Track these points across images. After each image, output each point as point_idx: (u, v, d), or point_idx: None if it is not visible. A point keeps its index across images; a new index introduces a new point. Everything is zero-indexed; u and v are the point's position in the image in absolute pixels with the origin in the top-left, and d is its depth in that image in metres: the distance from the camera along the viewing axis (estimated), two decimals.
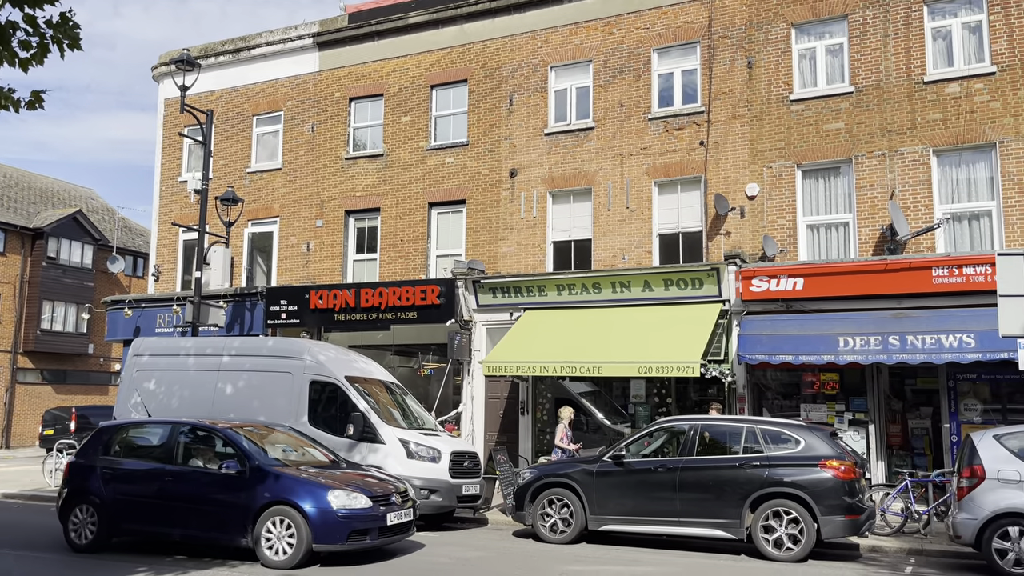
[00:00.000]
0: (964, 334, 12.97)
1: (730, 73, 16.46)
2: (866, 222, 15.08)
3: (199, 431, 10.46)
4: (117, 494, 10.18)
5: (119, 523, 10.11)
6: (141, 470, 10.24)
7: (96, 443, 10.76)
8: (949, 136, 14.60)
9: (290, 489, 9.42)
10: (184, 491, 9.84)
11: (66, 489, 10.53)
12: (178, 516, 9.80)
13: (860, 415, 14.54)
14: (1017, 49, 14.30)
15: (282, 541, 9.27)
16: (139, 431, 10.99)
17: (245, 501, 9.49)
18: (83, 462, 10.67)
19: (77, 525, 10.30)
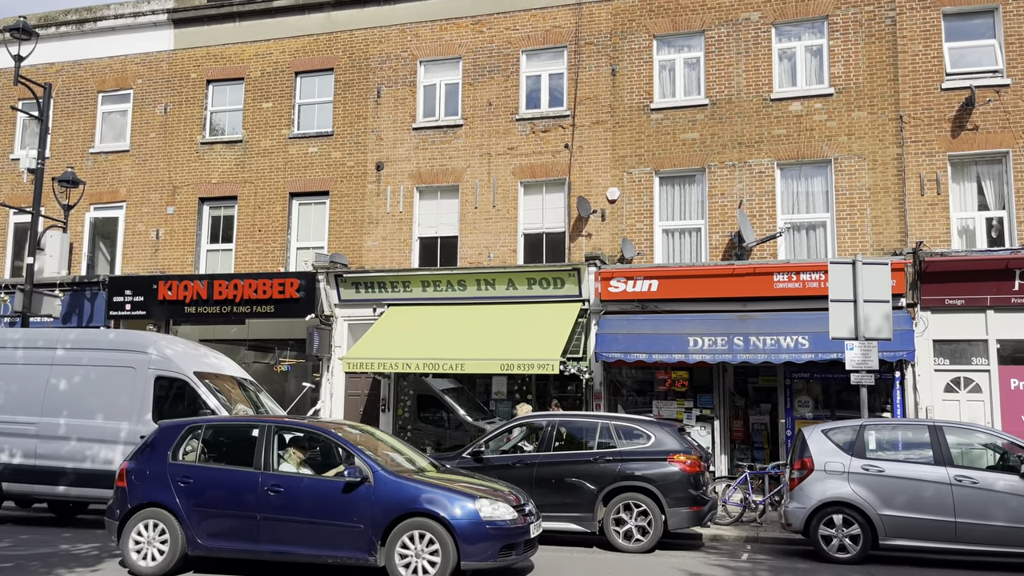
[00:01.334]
0: (800, 336, 13.95)
1: (595, 79, 16.92)
2: (717, 228, 15.91)
3: (297, 431, 8.94)
4: (195, 506, 8.53)
5: (198, 541, 8.49)
6: (229, 478, 8.57)
7: (161, 445, 8.94)
8: (791, 151, 15.65)
9: (430, 498, 8.09)
10: (288, 502, 8.30)
11: (127, 501, 8.73)
12: (279, 532, 8.27)
13: (707, 411, 15.34)
14: (852, 73, 15.52)
15: (422, 559, 7.96)
16: (219, 431, 9.20)
17: (372, 513, 8.09)
18: (146, 468, 8.82)
19: (142, 544, 8.58)
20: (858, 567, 9.54)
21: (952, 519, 9.49)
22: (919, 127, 15.05)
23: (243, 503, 8.45)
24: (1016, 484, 9.43)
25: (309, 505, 8.29)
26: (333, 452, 8.76)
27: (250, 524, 8.39)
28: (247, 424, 9.19)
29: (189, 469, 8.77)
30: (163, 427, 9.21)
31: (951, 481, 9.59)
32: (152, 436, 9.14)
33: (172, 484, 8.69)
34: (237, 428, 9.23)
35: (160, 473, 8.78)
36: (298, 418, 10.05)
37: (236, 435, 9.12)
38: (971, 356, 14.20)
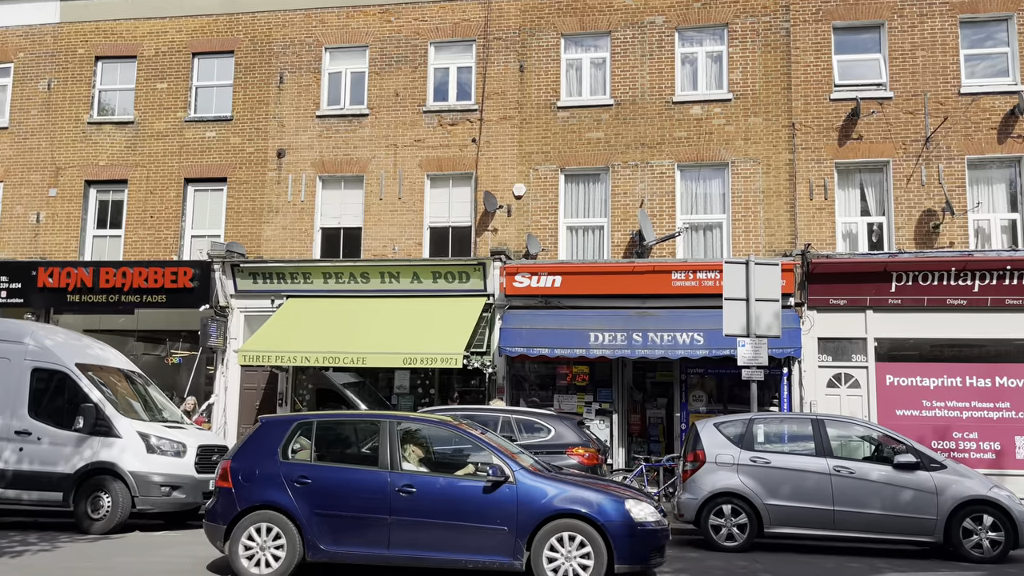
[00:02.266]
0: (695, 332, 14.41)
1: (503, 75, 16.96)
2: (619, 227, 16.23)
3: (423, 426, 8.38)
4: (316, 509, 7.86)
5: (320, 546, 7.84)
6: (354, 478, 7.92)
7: (267, 442, 8.24)
8: (691, 153, 16.13)
9: (577, 498, 7.64)
10: (422, 504, 7.73)
11: (235, 504, 7.99)
12: (413, 536, 7.72)
13: (606, 405, 15.65)
14: (750, 80, 16.11)
15: (572, 562, 7.52)
16: (332, 427, 8.57)
17: (516, 514, 7.60)
18: (255, 467, 8.09)
19: (253, 549, 7.88)
20: (744, 554, 9.94)
21: (831, 507, 10.00)
22: (809, 134, 15.79)
23: (371, 505, 7.82)
24: (889, 474, 10.02)
25: (446, 507, 7.72)
26: (461, 449, 8.22)
27: (380, 528, 7.78)
28: (365, 420, 8.73)
29: (305, 468, 8.05)
30: (266, 423, 8.49)
31: (830, 472, 10.11)
32: (254, 432, 8.40)
33: (287, 485, 7.97)
34: (353, 424, 8.68)
35: (272, 473, 8.05)
36: (417, 413, 9.45)
37: (352, 431, 8.60)
38: (851, 353, 15.01)
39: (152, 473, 11.12)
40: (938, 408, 14.48)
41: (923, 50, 15.61)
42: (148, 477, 11.08)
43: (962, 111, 15.34)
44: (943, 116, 15.34)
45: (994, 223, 15.29)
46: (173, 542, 10.39)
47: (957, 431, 14.37)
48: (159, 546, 10.06)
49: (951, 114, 15.35)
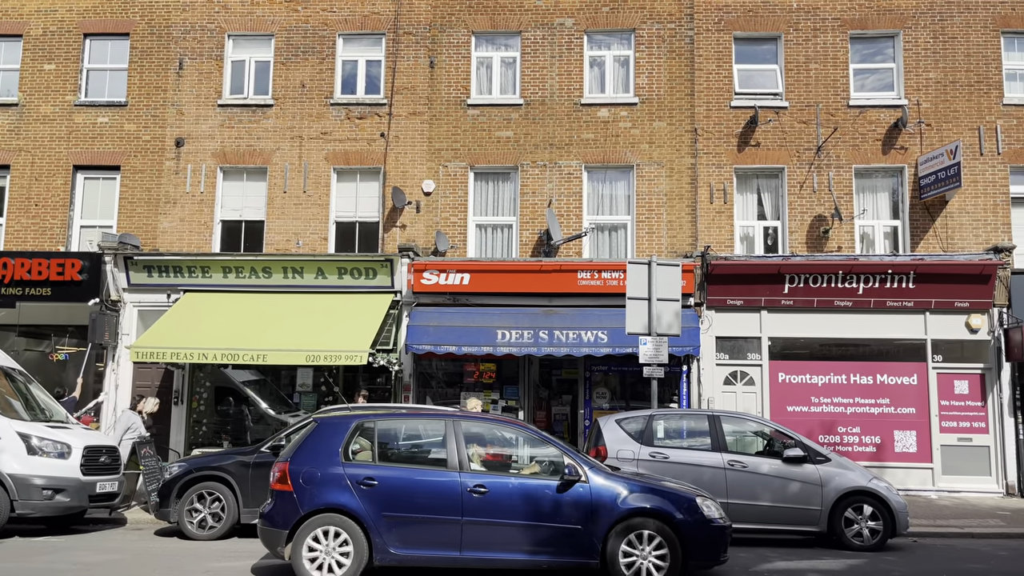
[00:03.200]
0: (600, 331, 14.68)
1: (413, 70, 16.82)
2: (527, 226, 16.36)
3: (476, 425, 8.19)
4: (384, 511, 7.64)
5: (389, 550, 7.63)
6: (424, 480, 7.74)
7: (326, 443, 7.95)
8: (598, 155, 16.41)
9: (652, 496, 7.74)
10: (495, 505, 7.62)
11: (297, 507, 7.68)
12: (487, 538, 7.61)
13: (512, 402, 15.75)
14: (655, 85, 16.52)
15: (649, 560, 7.61)
16: (394, 427, 8.29)
17: (590, 513, 7.65)
18: (316, 469, 7.80)
19: (318, 554, 7.62)
20: None
21: (725, 500, 10.37)
22: (711, 140, 16.32)
23: (443, 507, 7.67)
24: (779, 467, 10.46)
25: (520, 507, 7.66)
26: (526, 449, 8.17)
27: (452, 530, 7.65)
28: (426, 419, 8.44)
29: (370, 469, 7.84)
30: (324, 423, 8.16)
31: (725, 466, 10.48)
32: (311, 433, 8.06)
33: (352, 487, 7.74)
34: (415, 423, 8.41)
35: (335, 475, 7.78)
36: (479, 412, 9.13)
37: (414, 430, 8.35)
38: (747, 352, 15.61)
39: (33, 475, 10.53)
40: (825, 404, 15.23)
41: (816, 63, 16.37)
42: (28, 480, 10.49)
43: (851, 122, 16.17)
44: (833, 127, 16.13)
45: (878, 229, 16.19)
46: (55, 547, 9.86)
47: (842, 426, 15.16)
48: (40, 552, 9.53)
49: (841, 125, 16.15)
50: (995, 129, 15.93)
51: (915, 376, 15.23)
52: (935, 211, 15.84)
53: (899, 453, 15.07)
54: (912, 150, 16.01)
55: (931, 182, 15.47)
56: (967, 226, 15.76)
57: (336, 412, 9.35)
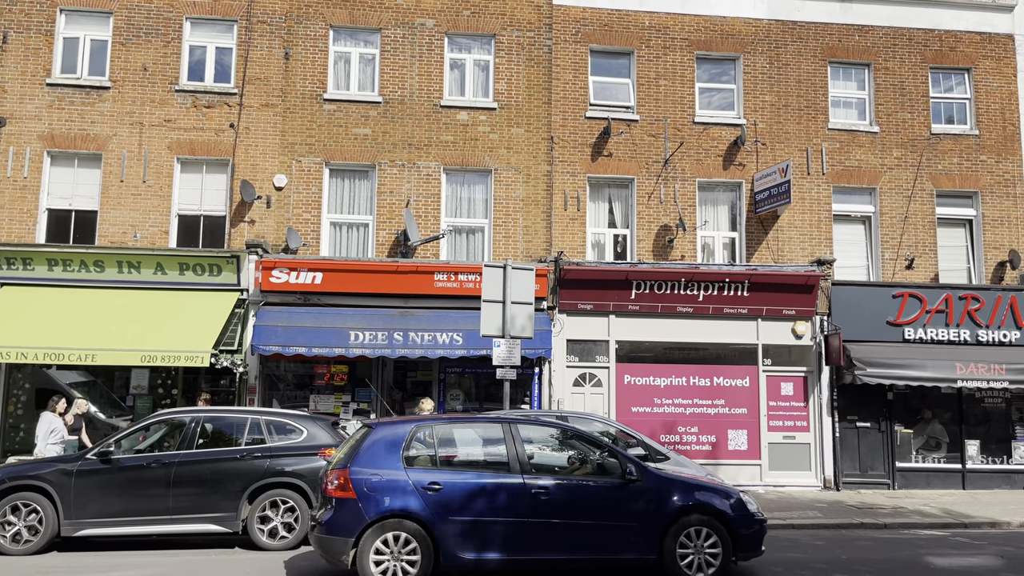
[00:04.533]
0: (455, 333, 14.71)
1: (267, 60, 16.21)
2: (384, 225, 16.14)
3: (539, 428, 8.54)
4: (450, 516, 7.72)
5: (457, 553, 7.70)
6: (487, 483, 7.84)
7: (385, 448, 7.96)
8: (457, 157, 16.45)
9: (704, 493, 8.15)
10: (557, 506, 7.82)
11: (363, 514, 7.66)
12: (550, 539, 7.79)
13: (364, 405, 15.48)
14: (514, 91, 16.76)
15: (703, 554, 8.00)
16: (449, 431, 8.41)
17: (649, 511, 7.98)
18: (378, 475, 7.81)
19: (384, 560, 7.68)
20: None
21: None
22: (566, 148, 16.75)
23: (508, 509, 7.81)
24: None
25: (582, 507, 7.87)
26: (581, 449, 8.45)
27: (517, 532, 7.81)
28: (483, 423, 8.61)
29: (433, 474, 7.91)
30: (380, 427, 8.16)
31: None
32: (369, 440, 8.05)
33: (417, 492, 7.78)
34: (471, 428, 8.58)
35: (398, 481, 7.82)
36: (529, 414, 9.30)
37: (471, 435, 8.49)
38: (595, 355, 16.13)
39: None
40: (667, 405, 15.98)
41: (665, 79, 17.18)
42: None
43: (695, 138, 17.08)
44: (680, 141, 16.99)
45: (718, 240, 17.18)
46: None
47: (682, 426, 15.97)
48: None
49: (686, 140, 17.03)
50: (821, 151, 17.31)
51: (747, 379, 16.27)
52: (768, 225, 17.00)
53: (732, 451, 16.05)
54: (749, 167, 17.12)
55: (765, 198, 16.59)
56: (795, 240, 17.03)
57: (392, 419, 8.84)
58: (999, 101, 17.93)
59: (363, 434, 8.23)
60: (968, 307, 16.51)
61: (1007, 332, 16.60)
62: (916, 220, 17.38)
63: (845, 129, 17.49)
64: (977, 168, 17.66)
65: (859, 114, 17.77)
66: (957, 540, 11.26)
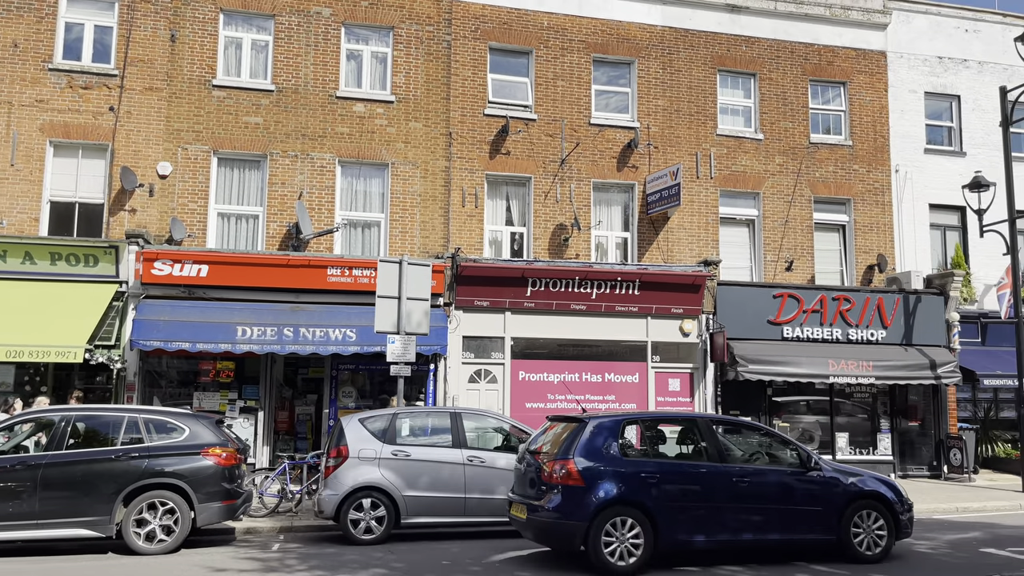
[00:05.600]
0: (348, 329, 14.45)
1: (151, 41, 15.44)
2: (275, 217, 15.69)
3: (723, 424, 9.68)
4: (668, 502, 8.55)
5: (675, 536, 8.54)
6: (698, 472, 8.80)
7: (601, 440, 8.71)
8: (353, 150, 16.16)
9: (872, 483, 9.36)
10: (757, 493, 8.86)
11: (591, 501, 8.37)
12: (752, 521, 8.79)
13: (252, 402, 15.01)
14: (412, 86, 16.61)
15: (871, 535, 9.17)
16: (652, 425, 9.43)
17: (831, 497, 9.10)
18: (601, 464, 8.56)
19: (613, 543, 8.37)
20: (381, 546, 10.16)
21: (463, 495, 10.65)
22: (465, 145, 16.73)
23: (718, 496, 8.68)
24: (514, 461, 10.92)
25: (777, 493, 8.88)
26: (763, 443, 9.59)
27: (726, 516, 8.68)
28: (683, 420, 9.74)
29: (649, 464, 8.73)
30: (596, 422, 8.83)
31: (464, 462, 10.76)
32: (587, 432, 8.72)
33: (638, 480, 8.52)
34: (671, 422, 9.75)
35: (620, 470, 8.56)
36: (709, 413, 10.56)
37: (671, 428, 9.60)
38: (491, 351, 16.20)
39: None
40: (560, 400, 16.22)
41: (563, 80, 17.43)
42: None
43: (591, 139, 17.41)
44: (576, 142, 17.27)
45: (611, 240, 17.58)
46: None
47: None
48: None
49: (583, 141, 17.33)
50: (710, 156, 17.98)
51: (637, 375, 16.73)
52: (659, 226, 17.52)
53: None
54: (642, 169, 17.59)
55: (656, 199, 17.09)
56: (684, 241, 17.62)
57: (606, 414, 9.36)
58: (871, 114, 19.11)
59: (576, 427, 8.89)
60: (840, 307, 17.53)
61: (874, 331, 17.72)
62: (795, 224, 18.31)
63: (732, 135, 18.23)
64: (850, 177, 18.77)
65: (745, 121, 18.56)
66: None
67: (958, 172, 19.25)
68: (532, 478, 8.89)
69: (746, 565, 8.93)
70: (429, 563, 9.09)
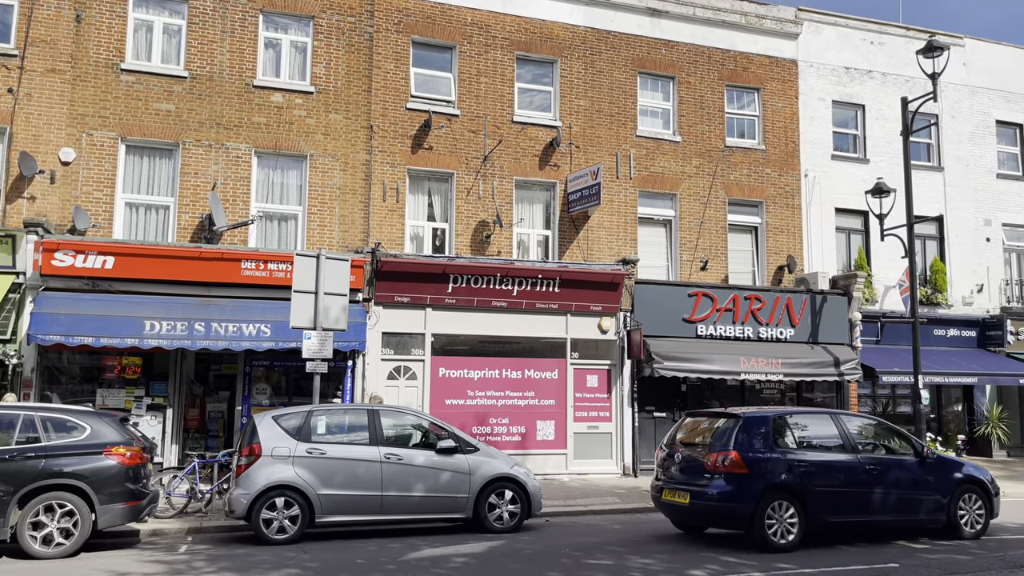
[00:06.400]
0: (263, 324, 14.10)
1: (55, 21, 14.70)
2: (187, 208, 15.16)
3: (851, 418, 11.05)
4: (816, 487, 9.77)
5: (824, 518, 9.81)
6: (838, 462, 10.15)
7: (755, 433, 9.91)
8: (270, 141, 15.76)
9: (972, 469, 10.83)
10: (881, 479, 10.15)
11: (756, 487, 9.53)
12: (879, 504, 10.06)
13: (160, 399, 14.49)
14: (333, 77, 16.31)
15: (972, 514, 10.62)
16: (790, 421, 10.43)
17: (940, 482, 10.47)
18: (760, 455, 9.73)
19: (774, 523, 9.58)
20: (295, 546, 9.96)
21: (380, 493, 10.53)
22: (386, 138, 16.54)
23: (853, 481, 10.02)
24: (432, 458, 10.87)
25: (902, 479, 10.28)
26: (881, 435, 10.91)
27: (861, 499, 10.03)
28: (815, 415, 11.66)
29: (797, 454, 9.95)
30: (747, 417, 10.03)
31: (381, 459, 10.64)
32: (742, 426, 9.91)
33: (791, 468, 9.75)
34: (808, 418, 10.99)
35: (776, 459, 9.74)
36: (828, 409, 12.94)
37: (807, 423, 10.68)
38: (411, 348, 16.08)
39: None
40: (480, 397, 16.24)
41: (487, 77, 17.42)
42: None
43: (514, 137, 17.47)
44: (499, 139, 17.30)
45: (533, 237, 17.69)
46: None
47: (493, 417, 16.30)
48: None
49: (505, 138, 17.37)
50: (629, 156, 18.29)
51: (556, 371, 16.89)
52: (579, 224, 17.73)
53: (541, 441, 16.60)
54: (564, 168, 17.75)
55: (577, 198, 17.28)
56: (604, 240, 17.88)
57: (756, 410, 10.69)
58: (783, 120, 19.80)
59: (731, 421, 10.09)
60: (752, 307, 18.11)
61: (783, 330, 18.39)
62: (711, 225, 18.81)
63: (651, 137, 18.59)
64: (763, 180, 19.41)
65: (664, 124, 18.96)
66: None
67: (862, 178, 20.15)
68: (687, 466, 10.17)
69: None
70: (344, 562, 8.96)
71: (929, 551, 9.73)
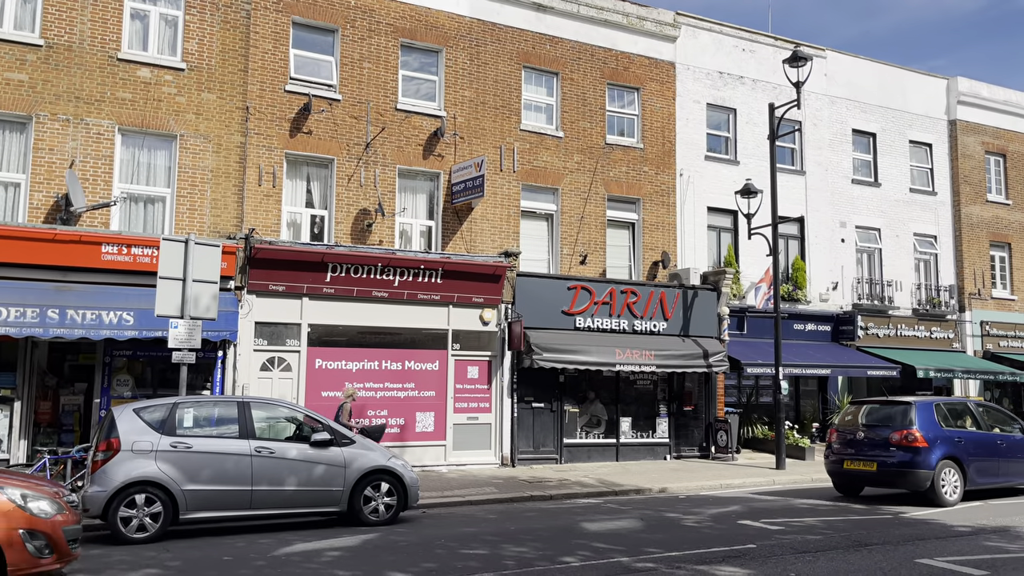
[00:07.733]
0: (125, 311, 13.32)
1: None
2: (41, 187, 14.10)
3: (981, 405, 14.16)
4: (969, 456, 12.82)
5: (973, 479, 12.82)
6: (980, 436, 13.30)
7: (927, 416, 12.86)
8: (136, 118, 14.88)
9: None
10: (1010, 450, 13.47)
11: (931, 457, 12.48)
12: (1009, 469, 13.40)
13: (7, 391, 13.45)
14: (206, 54, 15.55)
15: None
16: (949, 406, 13.59)
17: None
18: (932, 434, 12.64)
19: (945, 486, 12.49)
20: (156, 544, 9.47)
21: (250, 488, 10.16)
22: (263, 121, 15.94)
23: (992, 453, 13.29)
24: (306, 452, 10.59)
25: (1015, 450, 13.56)
26: (997, 418, 14.02)
27: (997, 466, 13.22)
28: (962, 401, 14.39)
29: (957, 432, 12.99)
30: (918, 404, 12.97)
31: (252, 453, 10.27)
32: (911, 409, 12.89)
33: (953, 443, 12.75)
34: (957, 404, 13.88)
35: (945, 436, 12.76)
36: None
37: (961, 405, 13.91)
38: (286, 338, 15.61)
39: None
40: (359, 389, 15.95)
41: (370, 63, 17.09)
42: None
43: (397, 125, 17.23)
44: (382, 126, 17.02)
45: (416, 227, 17.53)
46: None
47: (372, 409, 16.07)
48: None
49: (388, 126, 17.11)
50: (513, 150, 18.41)
51: (437, 363, 16.83)
52: (463, 216, 17.71)
53: (420, 432, 16.50)
54: (448, 158, 17.67)
55: (461, 190, 17.25)
56: (487, 232, 17.95)
57: (923, 398, 13.72)
58: (661, 120, 20.47)
59: (904, 406, 13.01)
60: (628, 300, 18.66)
61: (657, 323, 19.05)
62: (590, 220, 19.23)
63: (535, 131, 18.79)
64: (641, 178, 20.01)
65: (547, 119, 19.20)
66: (608, 506, 12.68)
67: (733, 179, 21.12)
68: (867, 442, 13.01)
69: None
70: (209, 560, 8.60)
71: None
